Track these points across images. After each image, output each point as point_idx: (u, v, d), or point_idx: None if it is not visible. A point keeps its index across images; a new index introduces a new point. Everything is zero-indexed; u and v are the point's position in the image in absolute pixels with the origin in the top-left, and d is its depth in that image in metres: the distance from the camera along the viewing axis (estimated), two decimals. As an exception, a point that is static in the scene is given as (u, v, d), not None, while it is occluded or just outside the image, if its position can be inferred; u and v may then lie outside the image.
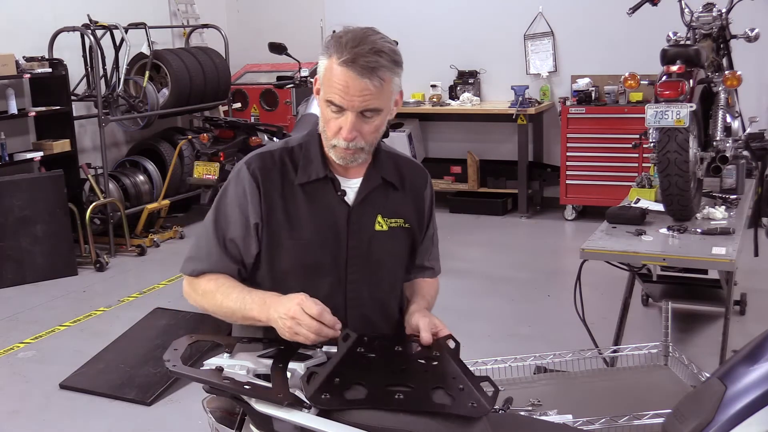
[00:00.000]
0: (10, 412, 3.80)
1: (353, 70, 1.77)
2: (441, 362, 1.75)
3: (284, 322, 1.77)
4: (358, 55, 1.77)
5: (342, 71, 1.78)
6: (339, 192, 1.94)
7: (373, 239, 1.95)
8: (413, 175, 2.07)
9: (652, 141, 3.47)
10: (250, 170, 1.92)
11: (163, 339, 4.23)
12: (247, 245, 1.93)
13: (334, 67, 1.79)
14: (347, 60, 1.77)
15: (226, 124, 5.69)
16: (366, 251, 1.95)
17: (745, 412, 1.45)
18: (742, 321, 4.49)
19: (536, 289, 5.29)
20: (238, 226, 1.92)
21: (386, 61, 1.81)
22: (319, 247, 1.92)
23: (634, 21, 4.70)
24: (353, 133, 1.83)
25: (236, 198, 1.93)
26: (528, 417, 1.82)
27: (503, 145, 7.51)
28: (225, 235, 1.93)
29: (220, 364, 1.73)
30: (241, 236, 1.92)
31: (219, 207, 1.96)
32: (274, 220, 1.91)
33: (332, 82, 1.80)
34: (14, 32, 6.15)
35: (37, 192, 5.76)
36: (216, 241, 1.94)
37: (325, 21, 7.79)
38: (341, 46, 1.79)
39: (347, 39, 1.80)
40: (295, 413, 1.60)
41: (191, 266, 1.97)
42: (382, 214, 1.97)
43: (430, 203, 2.10)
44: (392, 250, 2.00)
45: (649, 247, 3.22)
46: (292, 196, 1.92)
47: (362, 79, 1.78)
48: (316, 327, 1.75)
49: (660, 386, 2.42)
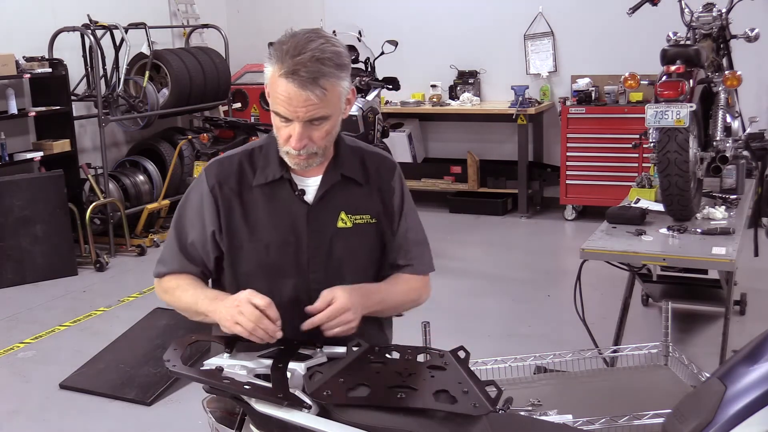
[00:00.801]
0: (10, 412, 3.81)
1: (294, 82, 1.74)
2: (449, 370, 1.75)
3: (228, 310, 1.78)
4: (298, 64, 1.74)
5: (284, 83, 1.76)
6: (297, 192, 1.93)
7: (334, 237, 1.93)
8: (379, 168, 2.01)
9: (652, 141, 3.47)
10: (208, 179, 1.95)
11: (163, 339, 4.23)
12: (206, 250, 1.97)
13: (277, 79, 1.77)
14: (287, 72, 1.74)
15: (226, 124, 5.69)
16: (327, 250, 1.93)
17: (745, 412, 1.45)
18: (742, 321, 4.49)
19: (536, 289, 5.29)
20: (198, 231, 1.96)
21: (329, 68, 1.76)
22: (279, 249, 1.91)
23: (634, 21, 4.70)
24: (302, 142, 1.82)
25: (195, 204, 1.97)
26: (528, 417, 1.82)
27: (503, 145, 7.51)
28: (186, 238, 1.98)
29: (220, 364, 1.73)
30: (200, 241, 1.96)
31: (181, 212, 2.00)
32: (233, 224, 1.92)
33: (276, 93, 1.79)
34: (14, 32, 6.15)
35: (37, 192, 5.76)
36: (177, 244, 1.98)
37: (325, 21, 7.79)
38: (282, 56, 1.76)
39: (288, 47, 1.76)
40: (295, 413, 1.60)
41: (158, 269, 2.03)
42: (346, 210, 1.95)
43: (400, 195, 2.03)
44: (356, 247, 1.96)
45: (649, 247, 3.22)
46: (251, 199, 1.93)
47: (304, 91, 1.75)
48: (257, 315, 1.74)
49: (660, 386, 2.42)
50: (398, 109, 7.55)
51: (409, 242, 2.04)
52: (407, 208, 2.05)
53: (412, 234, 2.05)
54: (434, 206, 7.61)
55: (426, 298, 2.13)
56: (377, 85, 5.90)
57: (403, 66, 6.73)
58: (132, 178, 6.69)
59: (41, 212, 5.76)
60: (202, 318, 1.92)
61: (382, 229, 2.00)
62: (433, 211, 7.50)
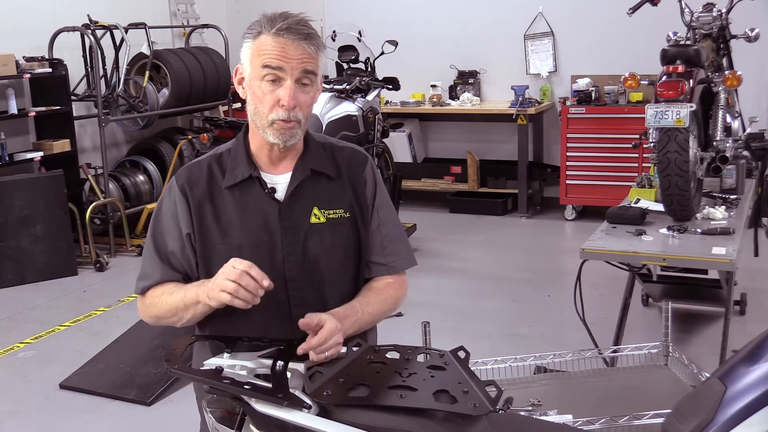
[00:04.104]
0: (10, 412, 3.81)
1: (290, 35, 1.80)
2: (449, 370, 1.75)
3: (213, 283, 1.76)
4: (291, 24, 1.81)
5: (278, 40, 1.81)
6: (267, 190, 1.92)
7: (308, 233, 1.91)
8: (351, 161, 2.00)
9: (652, 141, 3.47)
10: (179, 184, 1.93)
11: (163, 339, 4.22)
12: (185, 256, 1.94)
13: (267, 40, 1.81)
14: (281, 28, 1.80)
15: (226, 124, 5.70)
16: (302, 247, 1.91)
17: (745, 412, 1.45)
18: (742, 321, 4.49)
19: (536, 289, 5.29)
20: (175, 239, 1.93)
21: (317, 37, 1.85)
22: (252, 249, 1.89)
23: (634, 21, 4.70)
24: (294, 101, 1.82)
25: (169, 212, 1.95)
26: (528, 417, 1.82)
27: (503, 145, 7.51)
28: (165, 248, 1.95)
29: (220, 364, 1.73)
30: (179, 248, 1.93)
31: (156, 223, 1.97)
32: (205, 228, 1.91)
33: (266, 52, 1.81)
34: (14, 32, 6.15)
35: (37, 192, 5.76)
36: (158, 256, 1.95)
37: (325, 21, 7.78)
38: (272, 21, 1.82)
39: (273, 16, 1.83)
40: (295, 413, 1.60)
41: (140, 285, 1.98)
42: (319, 205, 1.93)
43: (372, 188, 2.01)
44: (330, 242, 1.93)
45: (649, 247, 3.22)
46: (221, 201, 1.92)
47: (300, 43, 1.81)
48: (237, 273, 1.71)
49: (660, 386, 2.42)
50: (398, 109, 7.55)
51: (383, 237, 2.01)
52: (380, 201, 2.02)
53: (386, 228, 2.02)
54: (434, 206, 7.61)
55: (403, 299, 2.08)
56: (377, 85, 5.90)
57: (403, 66, 6.73)
58: (132, 178, 6.70)
59: (41, 212, 5.76)
60: (192, 312, 1.87)
61: (357, 222, 1.98)
62: (433, 211, 7.50)
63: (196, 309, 1.86)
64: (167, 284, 1.94)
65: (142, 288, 1.97)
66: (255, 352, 1.82)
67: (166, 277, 1.95)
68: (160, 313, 1.95)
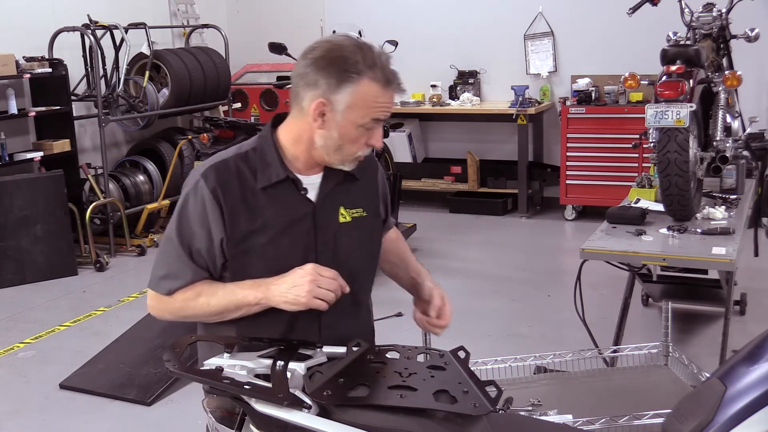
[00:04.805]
0: (10, 412, 3.81)
1: (395, 88, 1.88)
2: (449, 370, 1.76)
3: (301, 288, 1.81)
4: (393, 73, 1.87)
5: (389, 94, 1.88)
6: (302, 191, 1.93)
7: (338, 233, 1.96)
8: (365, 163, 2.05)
9: (652, 141, 3.47)
10: (209, 185, 1.89)
11: (163, 339, 4.22)
12: (211, 256, 1.91)
13: (379, 92, 1.84)
14: (389, 80, 1.85)
15: (226, 124, 5.69)
16: (333, 246, 1.95)
17: (745, 412, 1.45)
18: (742, 321, 4.49)
19: (536, 289, 5.29)
20: (203, 240, 1.90)
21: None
22: (287, 249, 1.90)
23: (634, 21, 4.70)
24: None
25: (197, 214, 1.90)
26: (528, 417, 1.82)
27: (503, 145, 7.51)
28: (192, 248, 1.91)
29: (220, 364, 1.73)
30: (206, 248, 1.91)
31: (182, 222, 1.92)
32: (239, 230, 1.89)
33: (379, 106, 1.87)
34: (14, 32, 6.15)
35: (37, 192, 5.76)
36: (186, 255, 1.91)
37: (325, 21, 7.79)
38: (383, 71, 1.84)
39: (381, 63, 1.84)
40: (295, 413, 1.60)
41: (167, 286, 1.93)
42: (345, 205, 1.98)
43: (382, 186, 2.14)
44: (357, 240, 2.00)
45: (649, 247, 3.22)
46: (255, 201, 1.90)
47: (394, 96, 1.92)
48: (337, 285, 1.84)
49: (660, 386, 2.42)
50: (398, 109, 7.53)
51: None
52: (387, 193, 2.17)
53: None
54: (434, 206, 7.61)
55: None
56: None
57: (403, 66, 6.65)
58: (132, 178, 6.70)
59: (41, 212, 5.76)
60: (242, 313, 1.88)
61: (371, 221, 2.05)
62: (433, 211, 7.50)
63: (249, 310, 1.88)
64: (197, 284, 1.92)
65: (169, 289, 1.93)
66: (255, 352, 1.82)
67: (197, 278, 1.92)
68: (196, 313, 1.93)
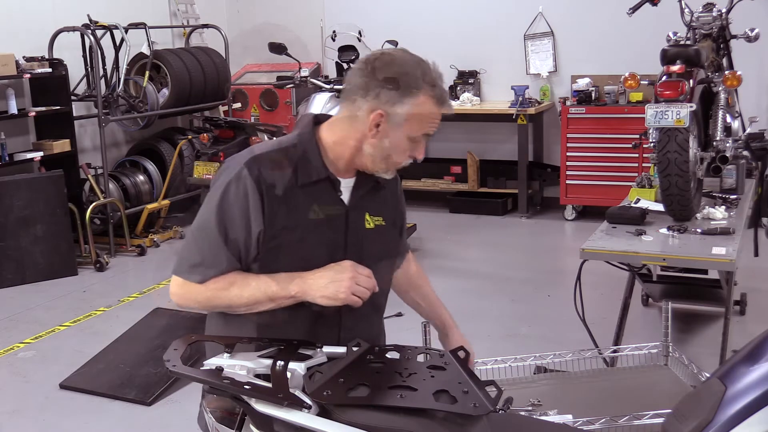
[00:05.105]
0: (10, 412, 3.81)
1: (447, 107, 1.94)
2: (449, 370, 1.76)
3: (341, 284, 1.84)
4: (446, 92, 1.96)
5: (440, 112, 1.94)
6: (338, 192, 1.95)
7: (364, 238, 1.98)
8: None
9: (652, 141, 3.47)
10: (253, 176, 1.87)
11: (163, 339, 4.23)
12: (247, 247, 1.90)
13: (433, 109, 1.92)
14: (442, 98, 1.93)
15: (226, 124, 5.69)
16: (359, 249, 1.96)
17: (745, 412, 1.45)
18: (742, 321, 4.49)
19: (536, 289, 5.29)
20: (241, 229, 1.88)
21: None
22: (318, 248, 1.92)
23: (634, 21, 4.70)
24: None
25: (238, 201, 1.88)
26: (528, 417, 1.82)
27: (503, 145, 7.51)
28: (230, 237, 1.89)
29: (220, 364, 1.73)
30: (243, 238, 1.89)
31: (221, 210, 1.89)
32: (277, 224, 1.89)
33: (431, 123, 1.94)
34: (14, 32, 6.15)
35: (37, 192, 5.76)
36: (224, 243, 1.89)
37: (325, 21, 7.79)
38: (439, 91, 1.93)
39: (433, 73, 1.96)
40: (295, 413, 1.60)
41: (201, 274, 1.90)
42: (370, 212, 2.01)
43: (401, 200, 2.18)
44: (379, 247, 2.03)
45: (649, 247, 3.22)
46: (293, 197, 1.90)
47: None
48: (373, 283, 1.88)
49: (660, 386, 2.42)
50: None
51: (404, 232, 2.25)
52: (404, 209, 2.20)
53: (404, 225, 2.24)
54: (434, 206, 7.61)
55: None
56: (377, 85, 5.89)
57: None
58: (132, 178, 6.70)
59: (41, 212, 5.76)
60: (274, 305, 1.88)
61: (389, 231, 2.08)
62: (433, 211, 7.50)
63: (282, 303, 1.89)
64: (231, 274, 1.91)
65: (203, 277, 1.90)
66: (255, 352, 1.82)
67: (232, 267, 1.91)
68: (226, 304, 1.92)
